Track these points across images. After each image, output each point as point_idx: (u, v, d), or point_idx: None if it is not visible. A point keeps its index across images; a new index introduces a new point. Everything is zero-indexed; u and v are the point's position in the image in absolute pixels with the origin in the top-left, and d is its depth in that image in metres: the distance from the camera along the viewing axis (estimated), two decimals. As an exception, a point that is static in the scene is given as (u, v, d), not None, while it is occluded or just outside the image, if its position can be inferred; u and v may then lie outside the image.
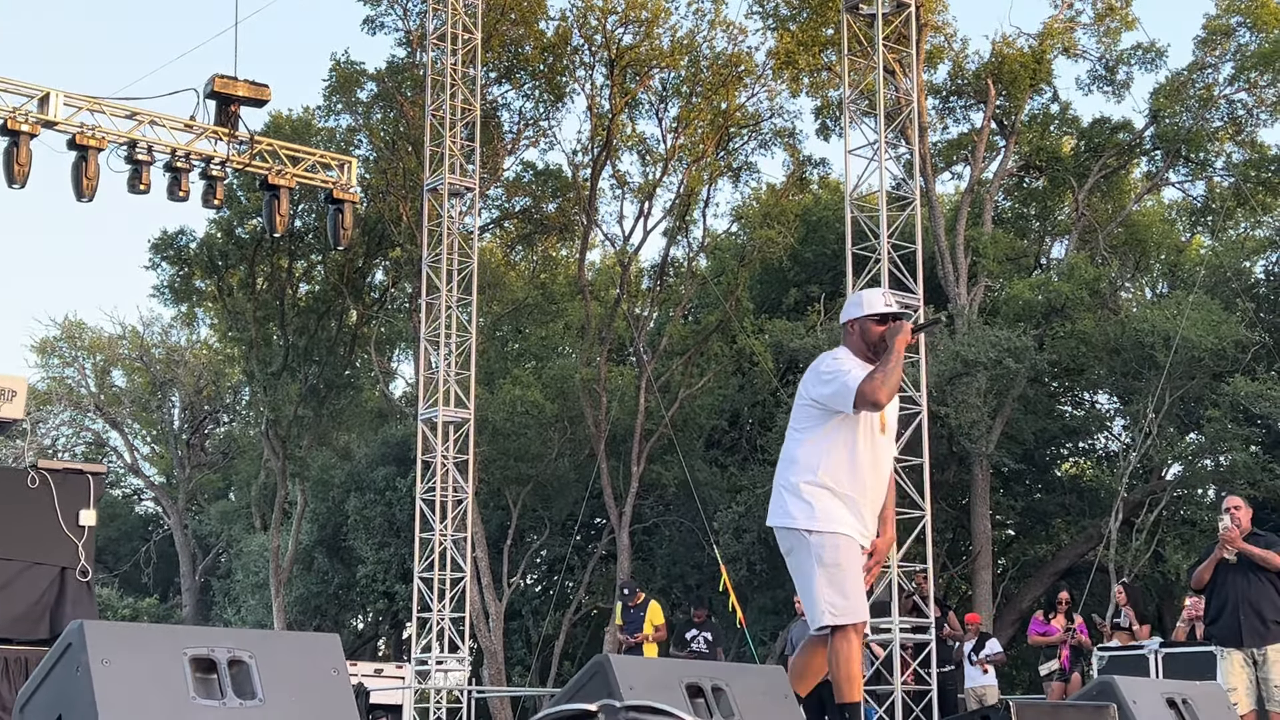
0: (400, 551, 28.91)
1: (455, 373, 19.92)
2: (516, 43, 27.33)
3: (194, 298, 34.75)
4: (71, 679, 3.95)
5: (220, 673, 4.05)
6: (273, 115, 28.51)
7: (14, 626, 8.39)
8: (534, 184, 30.02)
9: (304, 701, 4.12)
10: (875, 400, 5.37)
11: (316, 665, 4.25)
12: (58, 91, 14.11)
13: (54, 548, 8.65)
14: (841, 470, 5.55)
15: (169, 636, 4.09)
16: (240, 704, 4.00)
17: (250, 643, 4.15)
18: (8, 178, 13.70)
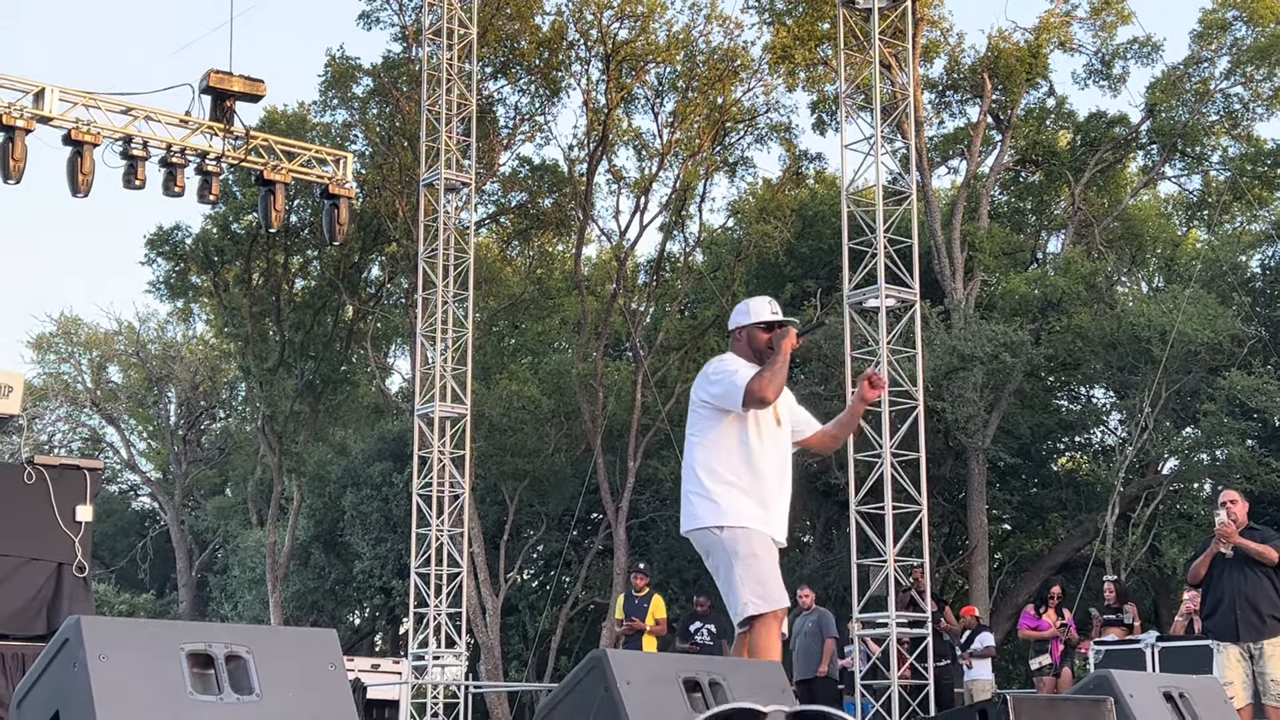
0: (397, 547, 28.92)
1: (452, 368, 19.91)
2: (512, 38, 27.30)
3: (190, 293, 34.74)
4: (69, 675, 3.94)
5: (218, 668, 4.05)
6: (268, 111, 28.50)
7: (11, 622, 8.39)
8: (530, 179, 30.01)
9: (302, 697, 4.12)
10: (763, 397, 5.69)
11: (314, 660, 4.25)
12: (53, 87, 14.09)
13: (51, 543, 8.64)
14: (741, 466, 5.77)
15: (166, 632, 4.08)
16: (238, 699, 4.00)
17: (248, 638, 4.14)
18: (3, 173, 13.67)
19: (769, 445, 5.82)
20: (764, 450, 5.81)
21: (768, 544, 5.74)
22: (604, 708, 4.99)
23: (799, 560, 28.10)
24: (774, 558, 5.74)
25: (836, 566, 23.99)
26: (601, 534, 30.67)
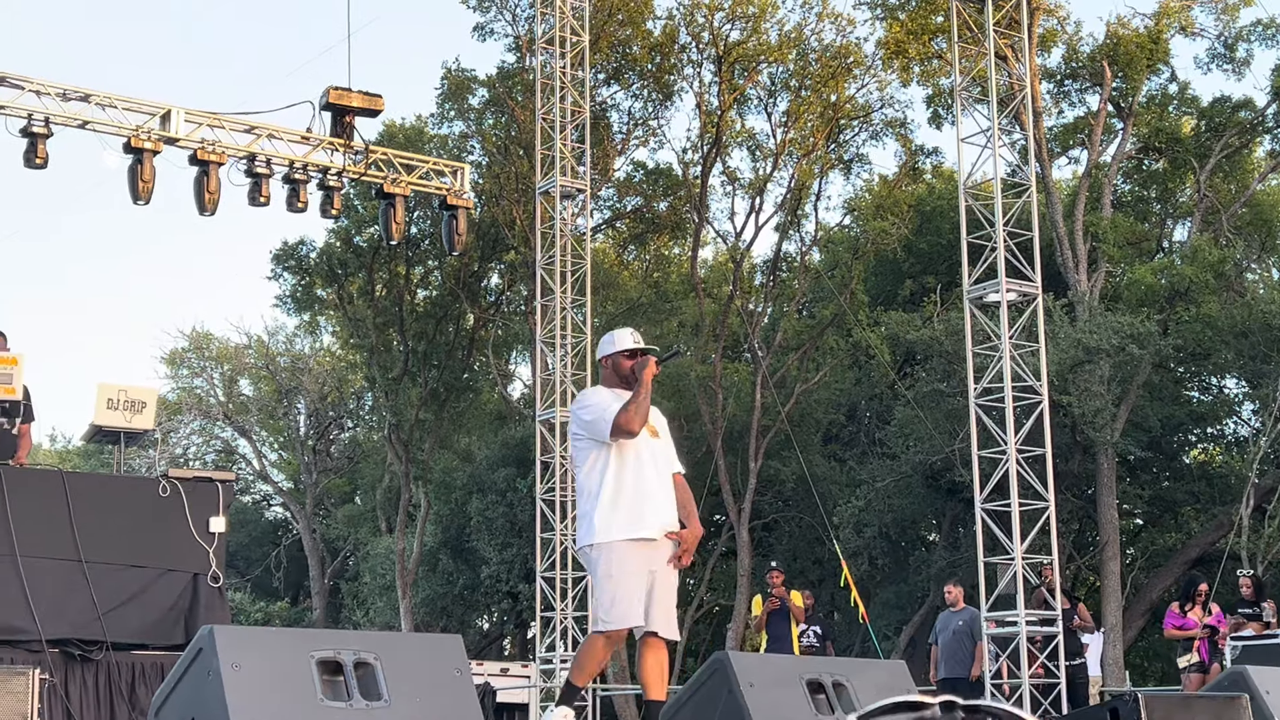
0: (523, 551, 29.14)
1: (571, 373, 20.05)
2: (624, 43, 27.42)
3: (315, 306, 35.38)
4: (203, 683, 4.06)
5: (346, 674, 4.14)
6: (386, 125, 28.93)
7: (150, 632, 8.64)
8: (645, 183, 30.09)
9: (428, 702, 4.20)
10: (629, 429, 6.10)
11: (440, 666, 4.33)
12: (178, 108, 14.44)
13: (186, 555, 8.89)
14: (618, 482, 6.14)
15: (296, 640, 4.19)
16: (366, 705, 4.09)
17: (375, 645, 4.24)
18: (133, 194, 14.03)
19: (645, 457, 6.18)
20: (639, 463, 6.16)
21: (629, 560, 6.01)
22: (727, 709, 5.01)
23: (925, 559, 27.82)
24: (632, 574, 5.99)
25: (963, 565, 23.70)
26: (724, 536, 30.63)
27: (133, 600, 8.61)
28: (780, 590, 14.66)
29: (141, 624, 8.59)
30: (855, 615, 21.94)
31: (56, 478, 8.83)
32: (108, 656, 8.29)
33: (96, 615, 8.36)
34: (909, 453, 26.26)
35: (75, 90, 13.86)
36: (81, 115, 13.88)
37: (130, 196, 14.05)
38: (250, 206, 14.92)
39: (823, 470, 28.66)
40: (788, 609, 14.56)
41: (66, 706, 7.95)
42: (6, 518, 8.28)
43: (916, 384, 26.90)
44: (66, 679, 8.06)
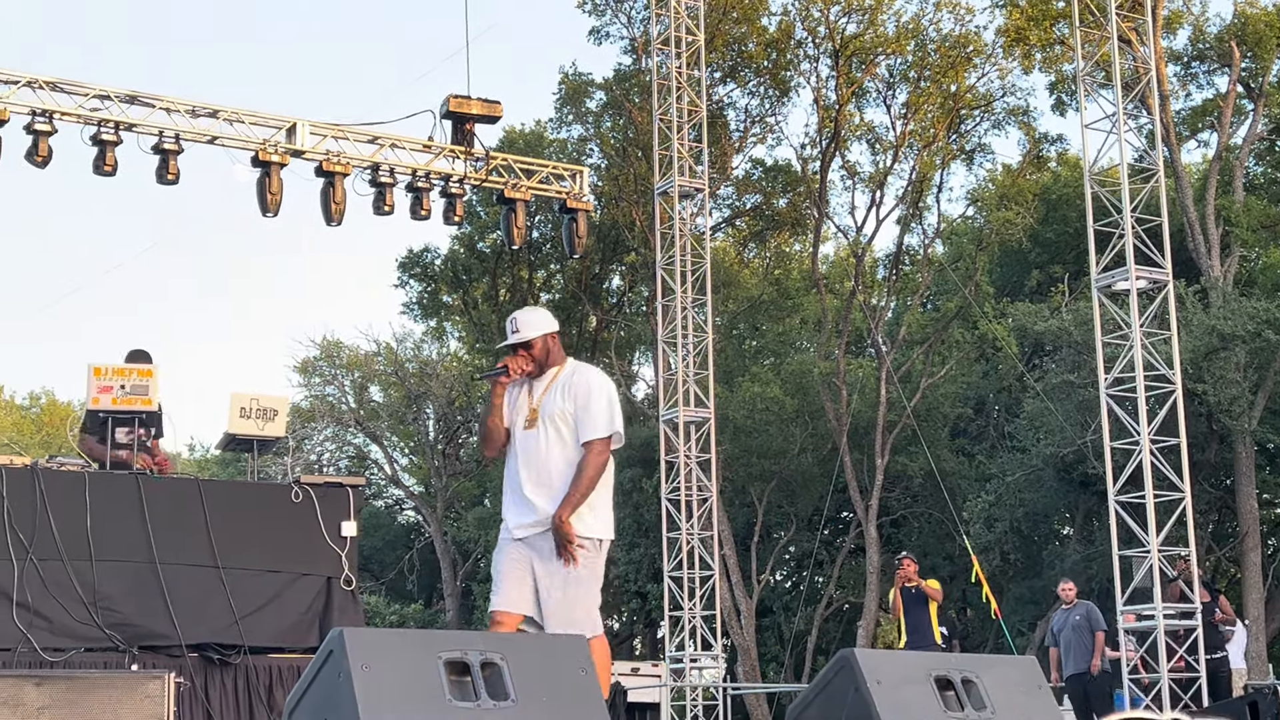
0: (650, 551, 29.23)
1: (694, 373, 20.06)
2: (740, 41, 27.37)
3: (442, 312, 35.85)
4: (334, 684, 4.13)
5: (474, 675, 4.19)
6: (506, 131, 29.21)
7: (285, 635, 8.81)
8: (763, 180, 30.01)
9: (555, 701, 4.23)
10: (483, 454, 6.34)
11: (565, 666, 4.36)
12: (303, 121, 14.70)
13: (319, 559, 9.04)
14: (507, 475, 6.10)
15: (425, 641, 4.25)
16: (494, 705, 4.13)
17: (501, 645, 4.28)
18: (262, 207, 14.32)
19: (520, 448, 6.03)
20: (516, 455, 6.05)
21: (504, 552, 5.96)
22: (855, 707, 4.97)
23: (1058, 553, 27.37)
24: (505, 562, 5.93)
25: (1098, 559, 23.28)
26: (852, 533, 30.43)
27: (268, 605, 8.79)
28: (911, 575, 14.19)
29: (277, 628, 8.76)
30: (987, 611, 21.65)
31: (193, 485, 9.05)
32: (245, 660, 8.47)
33: (234, 620, 8.54)
34: (1039, 446, 25.87)
35: (204, 107, 14.19)
36: (210, 131, 14.20)
37: (259, 209, 14.34)
38: (375, 216, 15.14)
39: (951, 465, 28.34)
40: (925, 596, 14.12)
41: (207, 710, 8.14)
42: (146, 525, 8.50)
43: (1046, 375, 26.49)
44: (206, 683, 8.25)
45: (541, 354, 6.05)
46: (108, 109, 13.56)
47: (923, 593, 14.07)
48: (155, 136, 13.80)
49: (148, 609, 8.32)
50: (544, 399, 6.01)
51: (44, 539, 8.20)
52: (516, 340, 6.03)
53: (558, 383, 6.03)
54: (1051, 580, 27.14)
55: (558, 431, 5.96)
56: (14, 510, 8.19)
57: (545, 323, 6.10)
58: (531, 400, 6.05)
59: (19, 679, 3.36)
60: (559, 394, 5.99)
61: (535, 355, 6.03)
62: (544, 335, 6.06)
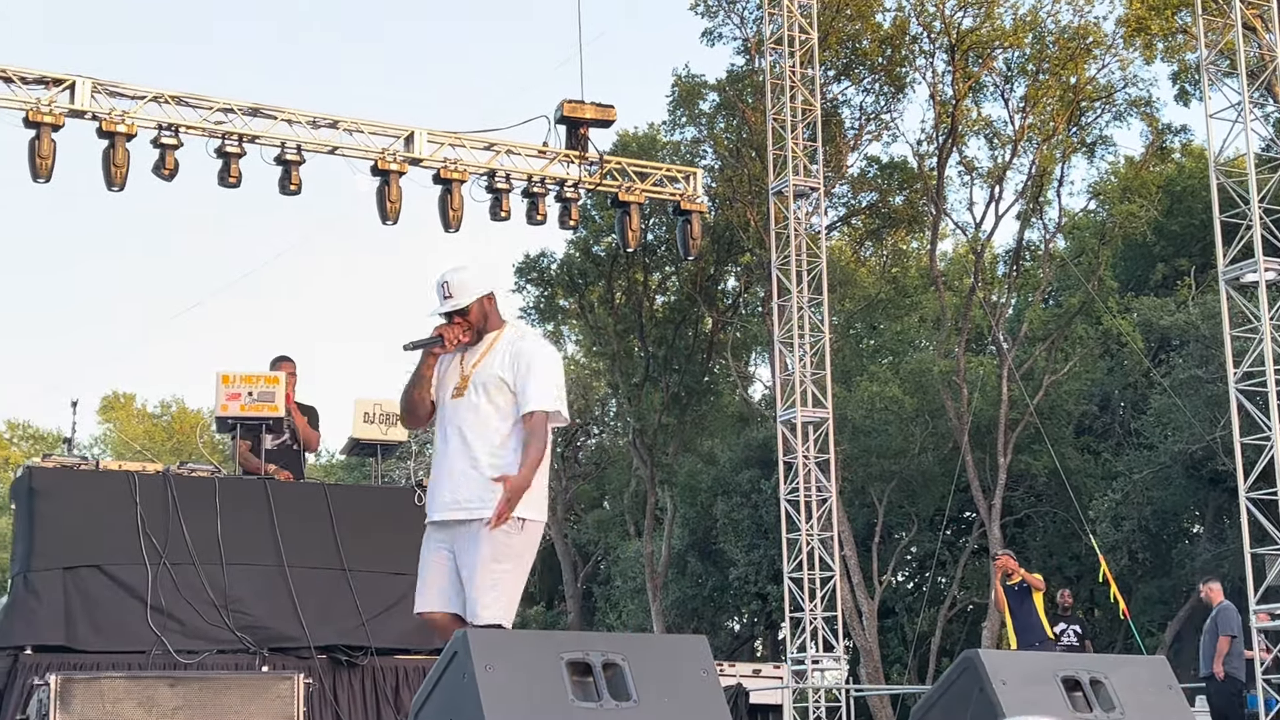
0: (770, 553, 29.16)
1: (811, 373, 19.97)
2: (853, 38, 27.19)
3: (559, 316, 36.08)
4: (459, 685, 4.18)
5: (596, 676, 4.21)
6: (620, 134, 29.32)
7: (411, 637, 8.91)
8: (879, 178, 29.78)
9: (677, 703, 4.24)
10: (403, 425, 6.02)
11: (687, 667, 4.36)
12: (421, 130, 14.89)
13: (445, 561, 9.14)
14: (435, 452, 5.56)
15: (547, 642, 4.28)
16: (616, 705, 4.15)
17: (623, 646, 4.30)
18: (382, 216, 14.53)
19: (448, 420, 5.41)
20: (442, 429, 5.46)
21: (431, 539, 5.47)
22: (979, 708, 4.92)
23: (1188, 552, 26.78)
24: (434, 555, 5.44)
25: (1229, 557, 22.73)
26: (975, 533, 30.07)
27: (394, 606, 8.90)
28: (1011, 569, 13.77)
29: (403, 629, 8.87)
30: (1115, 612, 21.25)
31: (319, 490, 9.20)
32: (372, 661, 8.60)
33: (360, 621, 8.67)
34: (1167, 442, 25.34)
35: (324, 118, 14.44)
36: (331, 141, 14.45)
37: (379, 217, 14.55)
38: (492, 222, 15.29)
39: (1076, 463, 27.88)
40: (1028, 589, 13.74)
41: (335, 710, 8.28)
42: (274, 529, 8.68)
43: (1173, 371, 25.95)
44: (334, 684, 8.39)
45: (479, 319, 5.42)
46: (231, 122, 13.86)
47: (1026, 586, 13.71)
48: (277, 148, 14.07)
49: (277, 611, 8.48)
50: (479, 365, 5.38)
51: (176, 543, 8.40)
52: (450, 308, 5.38)
53: (497, 348, 5.40)
54: (1181, 580, 26.60)
55: (490, 400, 5.31)
56: (147, 516, 8.40)
57: (481, 283, 5.43)
58: (464, 368, 5.41)
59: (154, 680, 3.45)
60: (497, 359, 5.37)
61: (472, 321, 5.40)
62: (480, 298, 5.41)
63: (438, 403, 5.45)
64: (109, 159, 13.16)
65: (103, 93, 13.35)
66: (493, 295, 5.47)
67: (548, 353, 5.41)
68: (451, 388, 5.40)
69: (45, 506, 8.32)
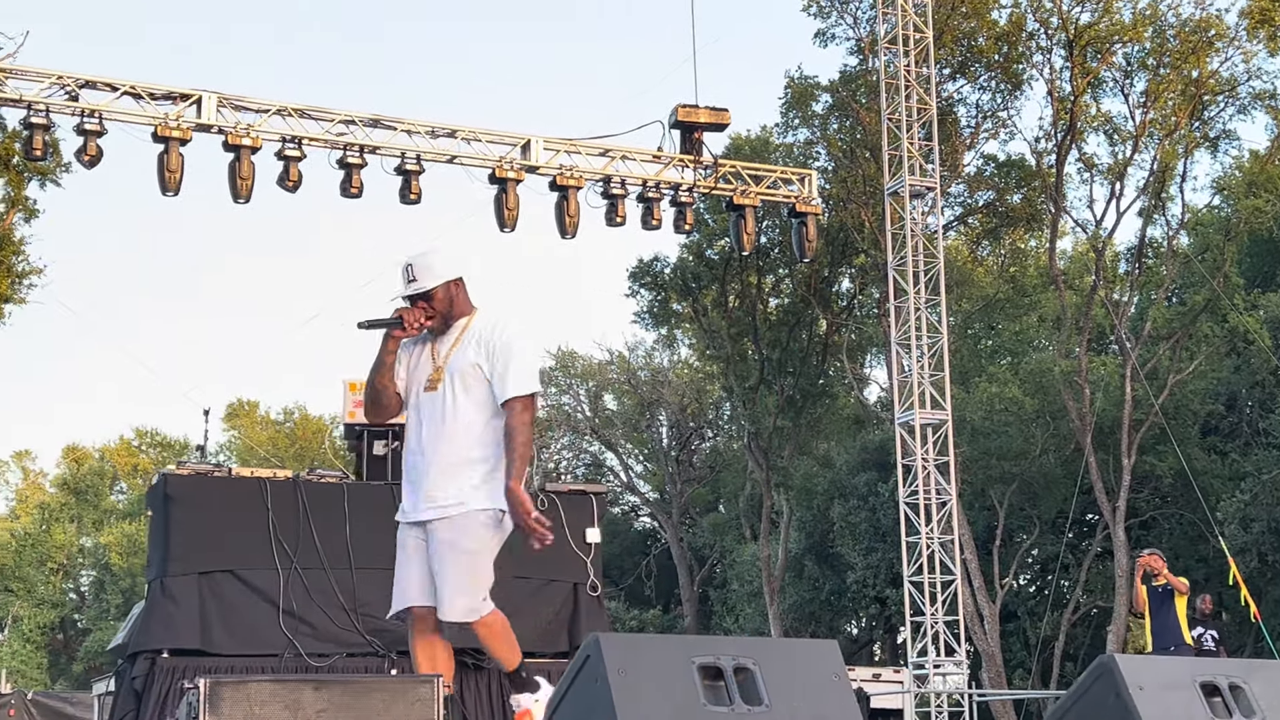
0: (888, 556, 28.93)
1: (929, 374, 19.79)
2: (969, 36, 26.89)
3: (672, 320, 36.16)
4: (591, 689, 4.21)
5: (727, 680, 4.22)
6: (732, 137, 29.27)
7: (535, 641, 9.00)
8: (996, 176, 29.41)
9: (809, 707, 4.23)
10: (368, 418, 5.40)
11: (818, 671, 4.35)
12: (537, 138, 15.03)
13: (566, 565, 9.22)
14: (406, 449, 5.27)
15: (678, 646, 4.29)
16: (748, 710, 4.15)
17: (754, 650, 4.30)
18: (500, 223, 14.69)
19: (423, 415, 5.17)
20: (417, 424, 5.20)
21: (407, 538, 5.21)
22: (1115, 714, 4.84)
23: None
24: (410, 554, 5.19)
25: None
26: (1099, 535, 29.56)
27: (519, 610, 8.95)
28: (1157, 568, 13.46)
29: (528, 633, 8.94)
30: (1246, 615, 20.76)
31: (443, 495, 9.32)
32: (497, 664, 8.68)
33: (485, 625, 8.76)
34: (1297, 442, 24.73)
35: (443, 127, 14.63)
36: (449, 151, 14.63)
37: (496, 224, 14.70)
38: (608, 227, 15.37)
39: (1202, 464, 27.30)
40: (1172, 593, 13.42)
41: (463, 713, 8.38)
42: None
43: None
44: (462, 687, 8.49)
45: (444, 305, 5.15)
46: (352, 133, 14.09)
47: (1169, 588, 13.38)
48: (398, 158, 14.29)
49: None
50: (452, 355, 5.13)
51: (307, 548, 8.57)
52: (414, 291, 5.11)
53: (468, 335, 5.15)
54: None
55: (466, 390, 5.08)
56: (278, 521, 8.58)
57: (448, 267, 5.15)
58: (436, 359, 5.16)
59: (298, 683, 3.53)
60: (471, 347, 5.11)
61: (437, 307, 5.13)
62: (446, 283, 5.14)
63: (409, 396, 5.20)
64: (235, 172, 13.45)
65: (228, 107, 13.65)
66: (461, 280, 5.19)
67: (520, 332, 5.15)
68: (424, 380, 5.16)
69: (180, 513, 8.53)
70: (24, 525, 53.15)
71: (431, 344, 5.18)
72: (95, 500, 53.41)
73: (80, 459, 54.21)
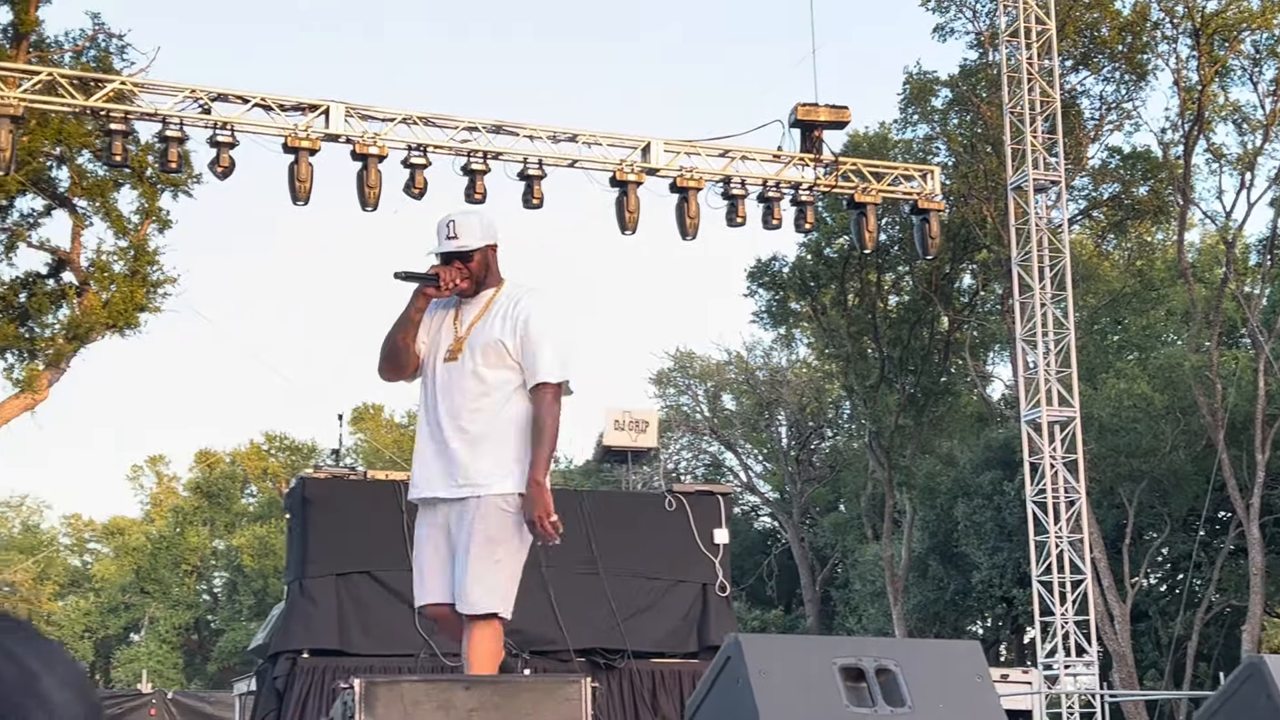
0: (1014, 555, 28.55)
1: (1056, 371, 19.52)
2: (1092, 26, 26.46)
3: (790, 319, 36.05)
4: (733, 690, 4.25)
5: (869, 681, 4.23)
6: (850, 135, 29.09)
7: (666, 641, 9.06)
8: (1121, 169, 28.90)
9: (952, 708, 4.22)
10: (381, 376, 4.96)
11: (960, 672, 4.34)
12: (657, 140, 15.11)
13: (694, 566, 9.27)
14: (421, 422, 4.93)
15: (819, 647, 4.32)
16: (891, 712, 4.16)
17: (895, 651, 4.30)
18: (620, 225, 14.78)
19: (439, 387, 4.83)
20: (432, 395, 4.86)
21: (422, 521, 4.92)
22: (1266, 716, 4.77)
23: None
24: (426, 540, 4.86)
25: None
26: (1232, 533, 28.89)
27: (648, 610, 9.06)
28: None
29: (657, 633, 9.02)
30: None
31: (573, 496, 9.43)
32: (629, 664, 8.76)
33: (617, 625, 8.85)
34: None
35: (564, 132, 14.76)
36: (571, 155, 14.76)
37: (618, 227, 14.80)
38: (728, 228, 15.39)
39: (1341, 459, 26.57)
40: None
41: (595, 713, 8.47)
42: (533, 536, 8.91)
43: None
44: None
45: (479, 269, 4.84)
46: (476, 140, 14.27)
47: None
48: (520, 163, 14.44)
49: (537, 615, 8.70)
50: (475, 327, 4.83)
51: (439, 549, 8.70)
52: (453, 249, 4.80)
53: (495, 307, 4.84)
54: None
55: (488, 364, 4.76)
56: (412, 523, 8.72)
57: (488, 230, 4.90)
58: (459, 328, 4.85)
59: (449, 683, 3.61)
60: (497, 321, 4.80)
61: (473, 269, 4.82)
62: (485, 247, 4.86)
63: (428, 366, 4.90)
64: (363, 180, 13.70)
65: (355, 116, 13.91)
66: (496, 247, 4.92)
67: (555, 310, 4.85)
68: (444, 350, 4.84)
69: (317, 516, 8.71)
70: (159, 528, 54.54)
71: (455, 311, 4.89)
72: (227, 504, 54.62)
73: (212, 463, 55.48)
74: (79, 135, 18.81)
